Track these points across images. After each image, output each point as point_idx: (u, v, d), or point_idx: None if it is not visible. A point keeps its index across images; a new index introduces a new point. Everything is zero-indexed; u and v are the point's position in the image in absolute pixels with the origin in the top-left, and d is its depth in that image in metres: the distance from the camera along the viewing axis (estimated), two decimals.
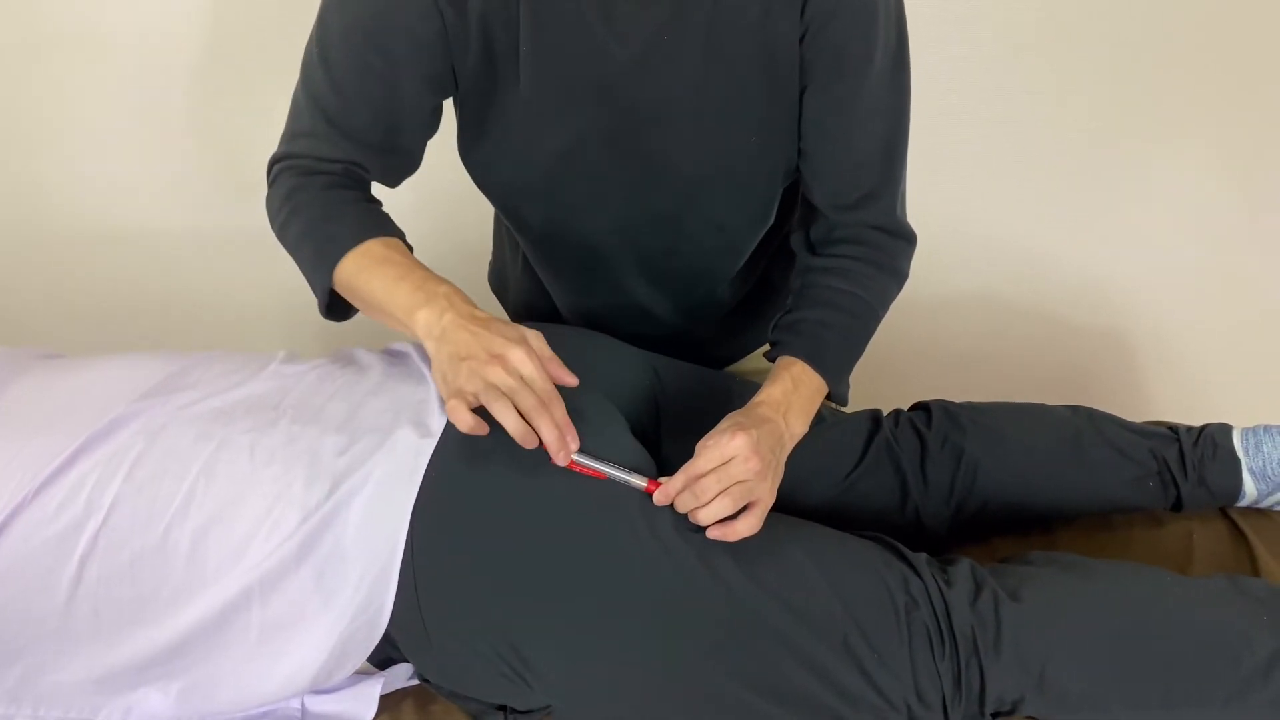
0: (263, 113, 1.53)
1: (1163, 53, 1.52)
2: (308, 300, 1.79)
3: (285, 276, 1.68)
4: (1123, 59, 1.53)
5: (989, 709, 0.86)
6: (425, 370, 0.96)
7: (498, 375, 0.78)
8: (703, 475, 0.82)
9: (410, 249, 0.92)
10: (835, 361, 0.95)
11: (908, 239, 1.00)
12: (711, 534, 0.83)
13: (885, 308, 1.00)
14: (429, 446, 0.86)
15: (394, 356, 1.01)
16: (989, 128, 1.55)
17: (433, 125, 0.97)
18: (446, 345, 0.81)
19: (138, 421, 0.86)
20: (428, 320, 0.82)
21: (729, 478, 0.82)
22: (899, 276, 1.00)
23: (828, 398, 0.98)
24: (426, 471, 0.84)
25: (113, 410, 0.87)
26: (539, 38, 0.89)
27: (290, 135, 0.97)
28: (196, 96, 1.52)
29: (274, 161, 0.97)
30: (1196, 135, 1.59)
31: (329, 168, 0.93)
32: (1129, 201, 1.65)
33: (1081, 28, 1.50)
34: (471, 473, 0.85)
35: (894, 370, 1.55)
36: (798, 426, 0.91)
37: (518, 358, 0.78)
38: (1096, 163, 1.59)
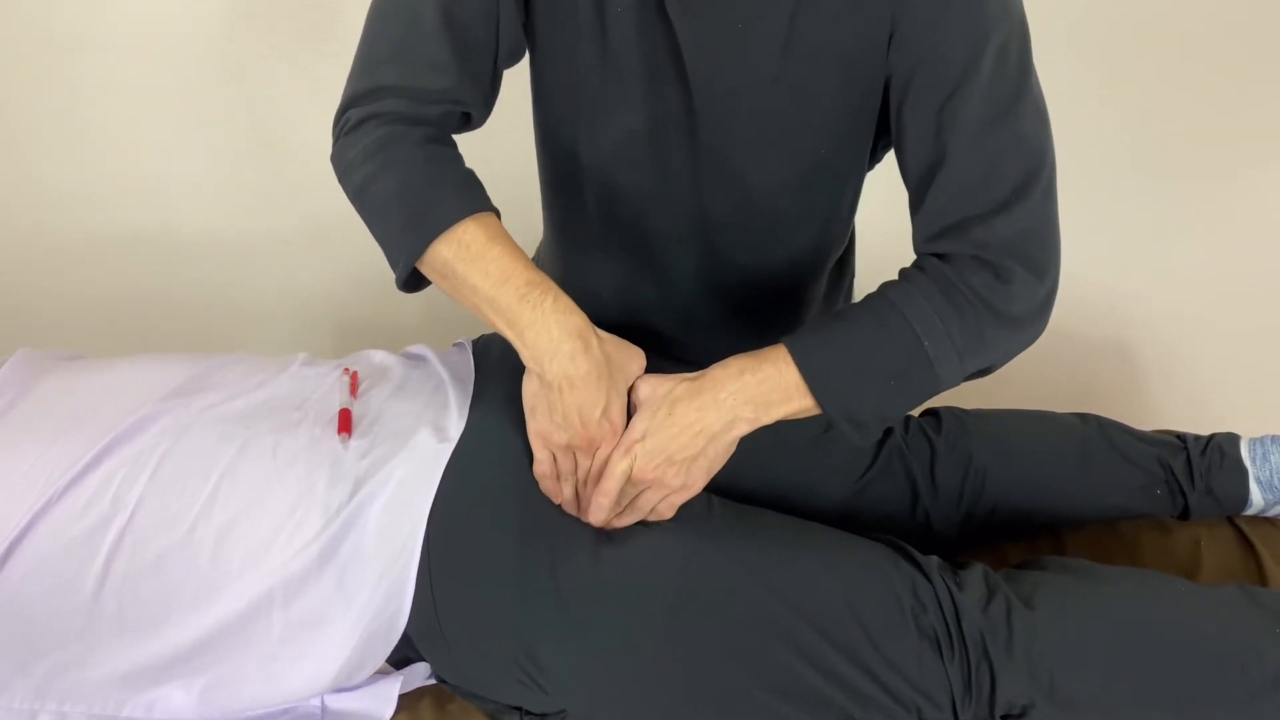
0: (281, 117, 1.55)
1: (1166, 60, 1.53)
2: (321, 304, 1.81)
3: (299, 280, 1.71)
4: (1126, 70, 1.54)
5: (999, 711, 0.86)
6: (444, 374, 0.97)
7: (584, 464, 0.85)
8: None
9: (500, 216, 0.87)
10: (820, 356, 0.82)
11: (1002, 276, 0.81)
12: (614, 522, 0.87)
13: (929, 330, 0.81)
14: (446, 451, 0.87)
15: (413, 360, 1.02)
16: None
17: (518, 50, 0.91)
18: (549, 395, 0.83)
19: (162, 422, 0.88)
20: (535, 348, 0.82)
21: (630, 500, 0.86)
22: (962, 300, 0.81)
23: (850, 425, 0.84)
24: (443, 475, 0.85)
25: (137, 411, 0.88)
26: (633, 3, 0.85)
27: (371, 66, 0.86)
28: (212, 101, 1.53)
29: (353, 102, 0.87)
30: (1201, 145, 1.59)
31: (427, 112, 0.85)
32: (1134, 212, 1.66)
33: (1089, 39, 1.51)
34: (487, 477, 0.87)
35: None
36: (747, 411, 0.82)
37: (614, 468, 0.83)
38: (1102, 174, 1.60)
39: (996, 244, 0.82)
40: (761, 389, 0.82)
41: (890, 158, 0.93)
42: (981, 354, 0.84)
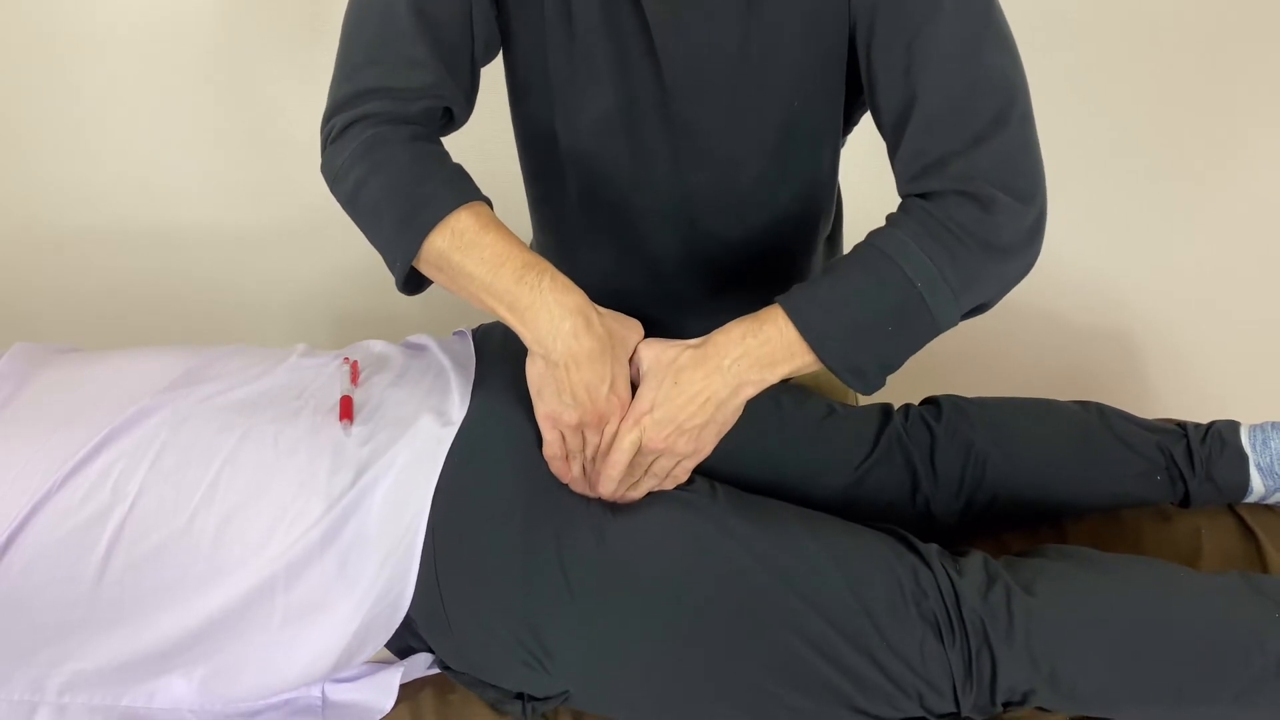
0: (275, 111, 1.55)
1: (1168, 51, 1.53)
2: (320, 297, 1.80)
3: (297, 273, 1.71)
4: (1128, 59, 1.54)
5: (1000, 698, 0.87)
6: (445, 362, 0.97)
7: (593, 440, 0.85)
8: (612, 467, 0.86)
9: (491, 206, 0.87)
10: (814, 310, 0.82)
11: (987, 208, 0.80)
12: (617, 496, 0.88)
13: (919, 271, 0.80)
14: (449, 434, 0.87)
15: (413, 349, 1.03)
16: None
17: (493, 45, 0.91)
18: (556, 375, 0.83)
19: (162, 412, 0.88)
20: (536, 329, 0.82)
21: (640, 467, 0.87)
22: (950, 237, 0.80)
23: (852, 375, 0.84)
24: (447, 458, 0.86)
25: (137, 402, 0.88)
26: None
27: (350, 72, 0.88)
28: (208, 95, 1.53)
29: (336, 109, 0.88)
30: (1200, 135, 1.59)
31: (409, 110, 0.86)
32: (1134, 201, 1.66)
33: (1091, 26, 1.51)
34: (490, 459, 0.87)
35: (904, 367, 1.56)
36: (752, 374, 0.83)
37: (622, 441, 0.84)
38: (1102, 164, 1.60)
39: (978, 175, 0.81)
40: (764, 350, 0.83)
41: (868, 125, 0.93)
42: (976, 289, 0.83)
